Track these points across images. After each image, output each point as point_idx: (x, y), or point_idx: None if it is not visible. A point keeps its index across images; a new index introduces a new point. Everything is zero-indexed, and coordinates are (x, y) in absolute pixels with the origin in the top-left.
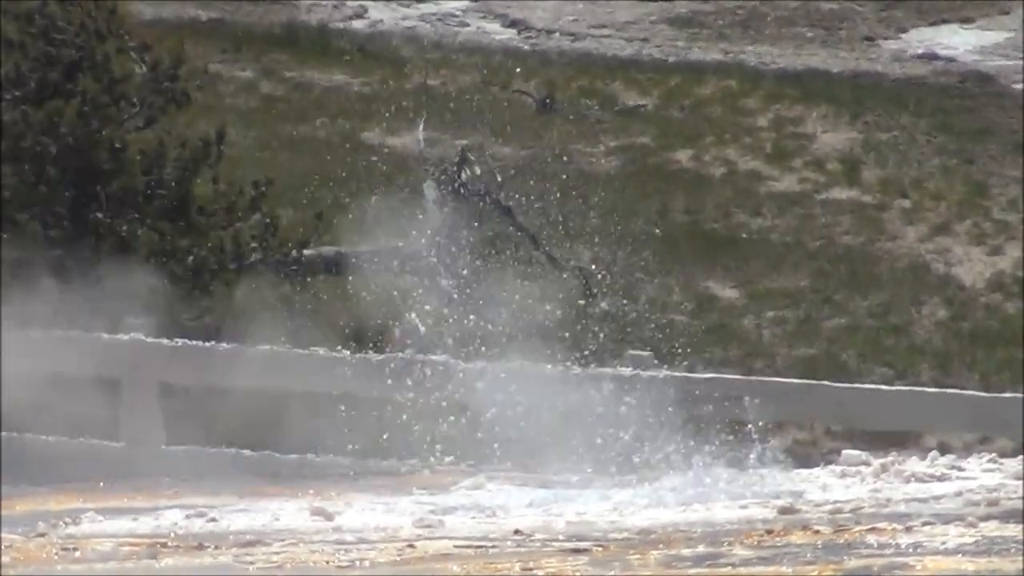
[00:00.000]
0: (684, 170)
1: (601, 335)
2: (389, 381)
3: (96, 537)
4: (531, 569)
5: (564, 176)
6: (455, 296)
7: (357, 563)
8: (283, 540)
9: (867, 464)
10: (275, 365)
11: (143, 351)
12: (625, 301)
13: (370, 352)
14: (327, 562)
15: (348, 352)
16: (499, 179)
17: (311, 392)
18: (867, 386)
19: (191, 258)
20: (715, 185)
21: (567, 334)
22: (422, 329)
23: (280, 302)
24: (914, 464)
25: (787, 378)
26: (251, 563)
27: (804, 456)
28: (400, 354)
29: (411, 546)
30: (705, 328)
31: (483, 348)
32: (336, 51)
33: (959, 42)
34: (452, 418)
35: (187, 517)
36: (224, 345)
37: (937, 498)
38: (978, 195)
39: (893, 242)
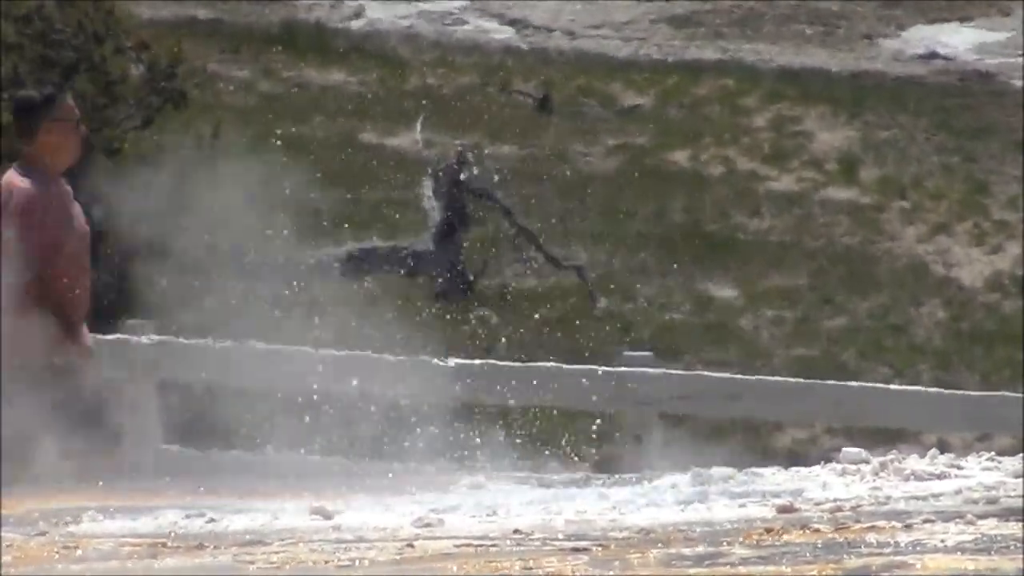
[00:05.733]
0: (682, 170)
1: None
2: (398, 381)
3: (96, 536)
4: (531, 568)
5: (562, 176)
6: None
7: (356, 562)
8: (282, 540)
9: (866, 462)
10: (275, 364)
11: (143, 351)
12: (623, 300)
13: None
14: (326, 562)
15: (354, 351)
16: (497, 179)
17: (311, 391)
18: (866, 384)
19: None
20: (713, 185)
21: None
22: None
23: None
24: (914, 462)
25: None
26: (251, 563)
27: (803, 454)
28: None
29: (410, 545)
30: (703, 328)
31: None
32: (334, 50)
33: (959, 41)
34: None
35: (187, 517)
36: (223, 344)
37: (936, 496)
38: (978, 194)
39: (892, 242)
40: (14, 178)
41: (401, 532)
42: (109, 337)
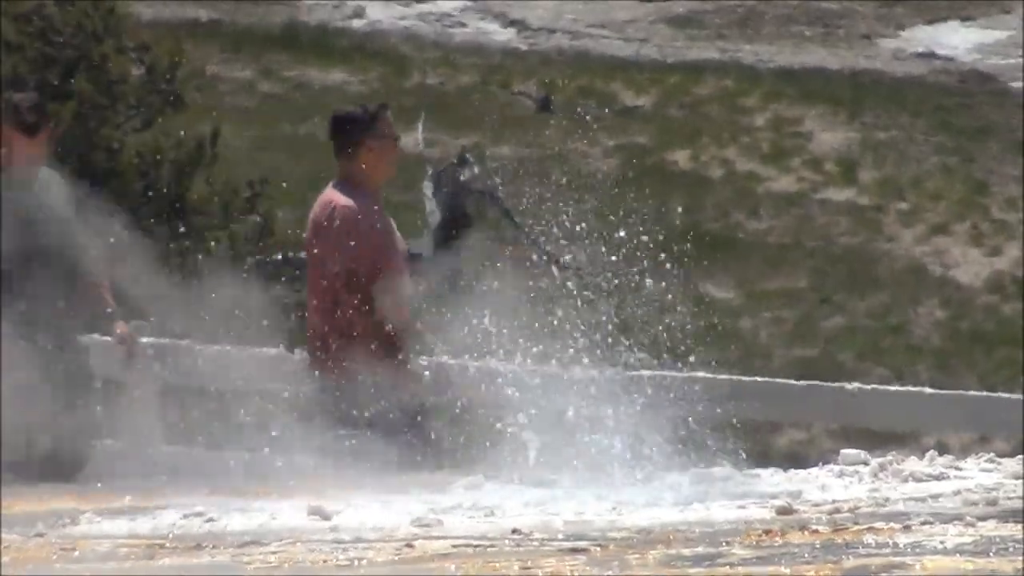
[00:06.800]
0: (682, 170)
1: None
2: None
3: (94, 537)
4: (529, 568)
5: (562, 176)
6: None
7: (355, 563)
8: (281, 540)
9: (865, 464)
10: (272, 366)
11: (141, 351)
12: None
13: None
14: (325, 561)
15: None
16: (498, 179)
17: (308, 391)
18: (865, 385)
19: (187, 259)
20: (713, 185)
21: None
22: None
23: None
24: (912, 464)
25: (785, 379)
26: (249, 563)
27: (802, 456)
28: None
29: (409, 545)
30: (702, 329)
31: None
32: (335, 51)
33: (958, 40)
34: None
35: (185, 517)
36: (221, 346)
37: (935, 497)
38: (977, 195)
39: (891, 242)
40: (335, 195)
41: (399, 532)
42: (110, 337)
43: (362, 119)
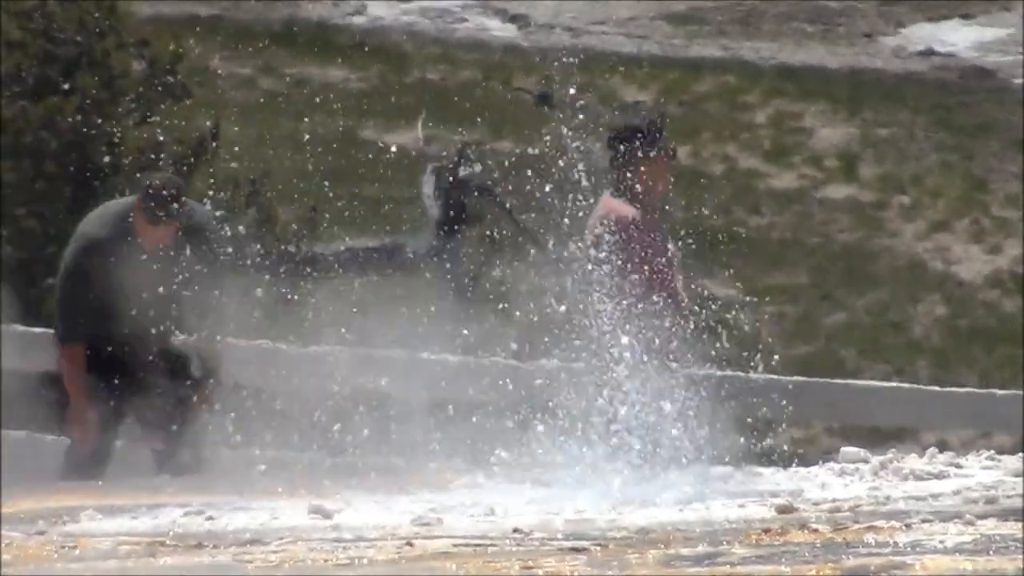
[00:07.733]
0: (682, 167)
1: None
2: (396, 379)
3: (95, 535)
4: (530, 568)
5: (563, 173)
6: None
7: (355, 561)
8: (281, 538)
9: (865, 462)
10: (273, 363)
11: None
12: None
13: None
14: (325, 560)
15: (351, 349)
16: (497, 175)
17: (310, 390)
18: (865, 383)
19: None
20: (714, 182)
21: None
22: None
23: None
24: (913, 461)
25: (785, 376)
26: (249, 561)
27: (802, 454)
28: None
29: (410, 544)
30: (702, 325)
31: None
32: (335, 47)
33: (958, 38)
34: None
35: (186, 515)
36: (222, 342)
37: (935, 496)
38: (977, 192)
39: (892, 239)
40: (611, 203)
41: (400, 531)
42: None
43: (647, 132)
